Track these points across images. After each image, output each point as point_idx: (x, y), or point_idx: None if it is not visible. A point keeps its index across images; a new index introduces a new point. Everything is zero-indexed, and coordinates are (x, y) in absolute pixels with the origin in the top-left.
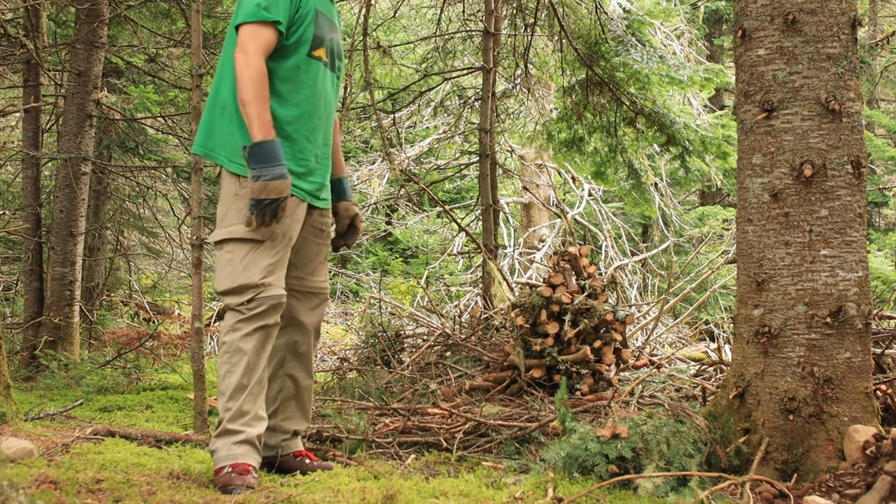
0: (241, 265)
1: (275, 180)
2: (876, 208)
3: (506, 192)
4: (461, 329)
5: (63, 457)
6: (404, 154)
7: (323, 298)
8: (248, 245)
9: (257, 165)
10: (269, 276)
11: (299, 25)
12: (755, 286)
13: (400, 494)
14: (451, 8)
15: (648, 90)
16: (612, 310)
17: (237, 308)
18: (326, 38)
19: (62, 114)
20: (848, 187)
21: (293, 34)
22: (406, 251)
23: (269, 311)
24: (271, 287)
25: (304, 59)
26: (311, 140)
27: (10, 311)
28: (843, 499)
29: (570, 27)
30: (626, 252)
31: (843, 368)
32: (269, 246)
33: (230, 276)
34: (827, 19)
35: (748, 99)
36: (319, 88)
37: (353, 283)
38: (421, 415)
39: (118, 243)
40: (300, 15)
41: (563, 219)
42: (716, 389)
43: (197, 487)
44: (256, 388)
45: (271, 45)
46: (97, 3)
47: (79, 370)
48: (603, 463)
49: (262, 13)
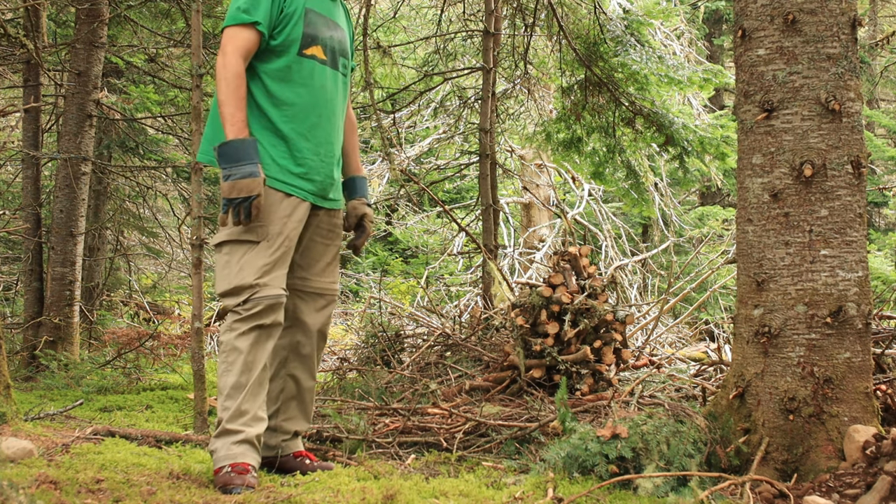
0: (238, 266)
1: (244, 179)
2: (876, 208)
3: (506, 192)
4: (461, 329)
5: (63, 457)
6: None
7: (330, 300)
8: (245, 246)
9: (227, 164)
10: (265, 277)
11: (285, 25)
12: (755, 286)
13: (400, 494)
14: (452, 8)
15: (647, 90)
16: (612, 310)
17: (234, 309)
18: (321, 35)
19: (62, 114)
20: (848, 187)
21: (279, 34)
22: (406, 251)
23: (266, 312)
24: (267, 287)
25: (295, 57)
26: (310, 138)
27: (10, 311)
28: (843, 499)
29: (568, 27)
30: (626, 252)
31: (843, 368)
32: (265, 246)
33: (227, 277)
34: (827, 19)
35: (748, 99)
36: (316, 86)
37: (353, 283)
38: (421, 415)
39: (118, 243)
40: (286, 14)
41: (563, 219)
42: (716, 389)
43: (197, 487)
44: (255, 387)
45: (251, 46)
46: (97, 3)
47: (79, 370)
48: (603, 463)
49: (241, 16)
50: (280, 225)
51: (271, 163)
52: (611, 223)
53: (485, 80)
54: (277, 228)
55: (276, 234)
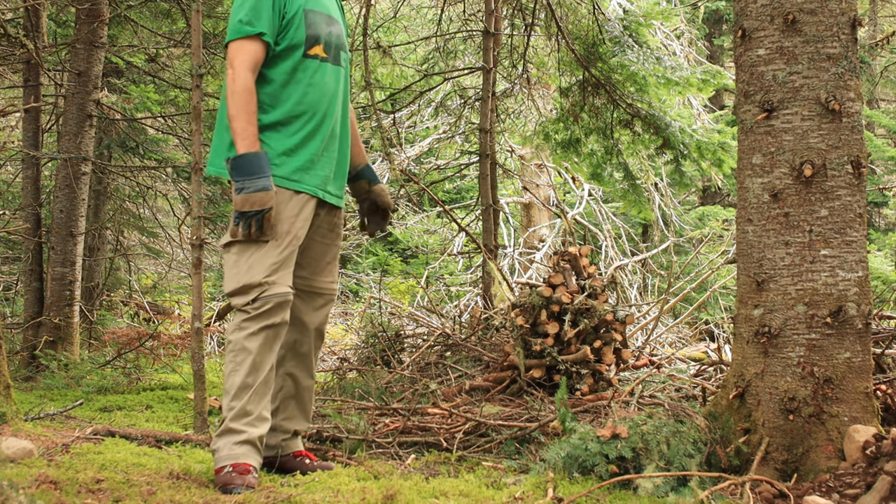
0: (246, 265)
1: (258, 192)
2: (876, 208)
3: (506, 192)
4: (461, 329)
5: (63, 457)
6: (404, 154)
7: (328, 299)
8: (253, 246)
9: (240, 178)
10: (274, 275)
11: (288, 30)
12: (755, 286)
13: (400, 494)
14: (452, 8)
15: (645, 92)
16: (612, 310)
17: (243, 308)
18: (323, 33)
19: (62, 114)
20: (848, 187)
21: (283, 39)
22: (406, 251)
23: (275, 310)
24: (276, 285)
25: (300, 59)
26: (316, 136)
27: (10, 311)
28: (843, 499)
29: (568, 28)
30: (626, 252)
31: (843, 368)
32: (274, 245)
33: (235, 276)
34: (827, 19)
35: (748, 99)
36: (318, 84)
37: (353, 283)
38: (421, 415)
39: (118, 243)
40: (287, 20)
41: (563, 219)
42: (716, 389)
43: (197, 487)
44: (262, 388)
45: (259, 58)
46: (97, 3)
47: (79, 370)
48: (603, 463)
49: (244, 28)
50: (288, 224)
51: (278, 161)
52: (611, 223)
53: (485, 79)
54: (286, 227)
55: (285, 232)
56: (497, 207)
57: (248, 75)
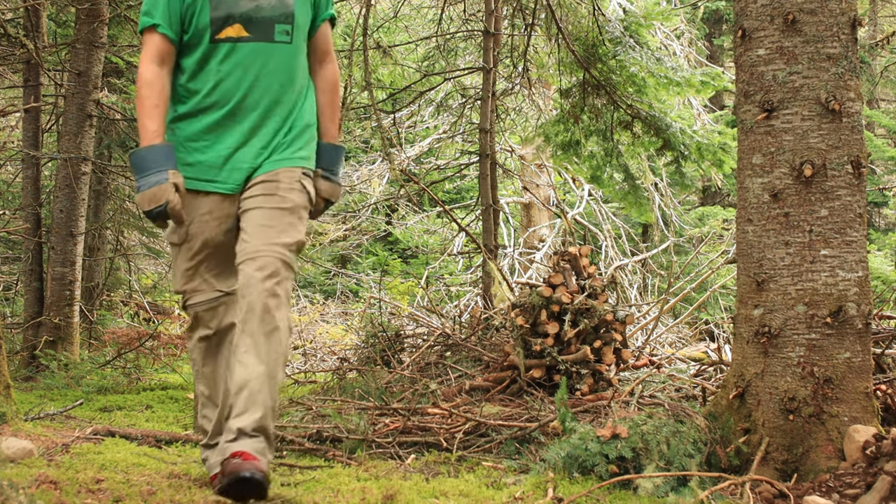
0: (175, 272)
1: (150, 188)
2: (876, 208)
3: (506, 192)
4: (461, 329)
5: (63, 457)
6: (404, 154)
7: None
8: (175, 250)
9: (136, 176)
10: (190, 283)
11: (191, 15)
12: (755, 286)
13: (400, 494)
14: (452, 8)
15: (645, 93)
16: (612, 310)
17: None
18: (238, 11)
19: (62, 114)
20: (848, 187)
21: (189, 26)
22: (406, 251)
23: (198, 321)
24: (195, 294)
25: (208, 45)
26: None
27: (10, 311)
28: (843, 499)
29: (567, 28)
30: (626, 252)
31: (843, 368)
32: (186, 249)
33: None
34: (827, 19)
35: (748, 99)
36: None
37: (353, 283)
38: (421, 415)
39: (118, 243)
40: (187, 5)
41: (563, 219)
42: (716, 389)
43: (197, 487)
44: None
45: (162, 49)
46: (97, 3)
47: (79, 370)
48: (603, 463)
49: (144, 19)
50: (197, 224)
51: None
52: (611, 223)
53: (485, 79)
54: (195, 228)
55: (193, 234)
56: (497, 207)
57: (150, 68)
